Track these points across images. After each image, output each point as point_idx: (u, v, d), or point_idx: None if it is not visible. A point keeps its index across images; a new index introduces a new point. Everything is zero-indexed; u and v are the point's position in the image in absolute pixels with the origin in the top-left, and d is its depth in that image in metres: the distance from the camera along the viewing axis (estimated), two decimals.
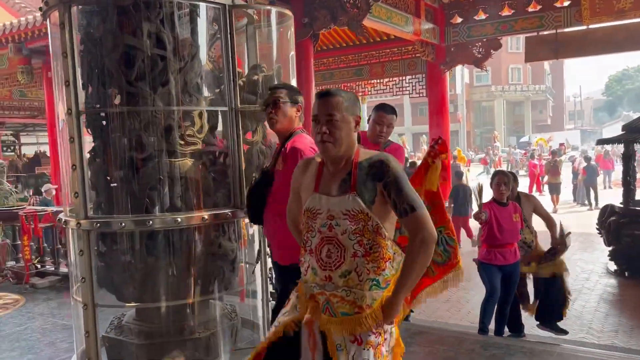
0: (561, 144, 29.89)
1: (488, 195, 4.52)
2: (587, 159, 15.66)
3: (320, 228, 1.94)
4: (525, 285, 4.87)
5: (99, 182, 2.94)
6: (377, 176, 1.90)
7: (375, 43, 14.17)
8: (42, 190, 11.31)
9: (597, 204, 13.78)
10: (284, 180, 2.42)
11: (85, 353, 2.89)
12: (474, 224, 5.74)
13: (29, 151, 26.25)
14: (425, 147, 21.53)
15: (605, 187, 17.95)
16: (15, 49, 10.61)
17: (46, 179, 15.15)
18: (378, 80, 15.01)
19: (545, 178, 15.51)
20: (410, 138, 38.96)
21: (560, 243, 4.67)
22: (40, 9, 2.85)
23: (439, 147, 3.07)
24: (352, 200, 1.90)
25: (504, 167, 27.00)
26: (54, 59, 2.96)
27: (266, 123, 2.92)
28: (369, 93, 15.79)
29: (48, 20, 2.92)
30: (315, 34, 8.77)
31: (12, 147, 25.01)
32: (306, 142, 2.67)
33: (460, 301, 6.60)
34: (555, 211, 13.41)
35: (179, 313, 3.03)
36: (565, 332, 4.87)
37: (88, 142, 2.98)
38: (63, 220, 2.92)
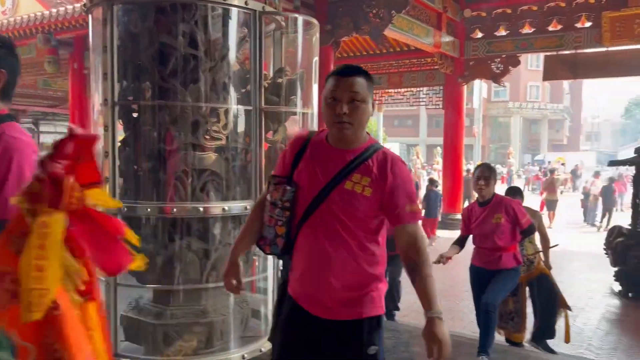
0: (577, 165, 29.90)
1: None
2: (611, 180, 15.67)
3: None
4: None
5: (127, 170, 3.13)
6: None
7: (395, 53, 14.35)
8: None
9: (607, 225, 13.81)
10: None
11: None
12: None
13: (47, 139, 26.76)
14: (439, 159, 21.49)
15: (617, 210, 17.94)
16: (44, 39, 10.90)
17: None
18: (395, 90, 15.18)
19: (543, 195, 15.53)
20: (424, 149, 39.02)
21: (546, 265, 4.74)
22: (84, 5, 3.05)
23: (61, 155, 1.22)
24: None
25: (520, 184, 26.95)
26: (93, 52, 3.16)
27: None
28: (386, 102, 15.96)
29: (90, 15, 3.13)
30: (336, 42, 8.96)
31: (31, 135, 25.58)
32: None
33: (464, 310, 6.71)
34: (550, 227, 13.36)
35: (194, 298, 3.20)
36: (553, 352, 4.72)
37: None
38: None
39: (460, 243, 4.11)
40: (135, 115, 3.14)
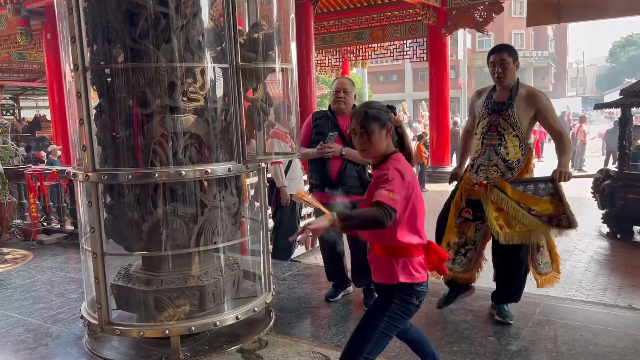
0: (563, 112, 30.02)
1: None
2: (616, 123, 15.32)
3: None
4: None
5: (105, 137, 3.05)
6: None
7: (377, 6, 14.06)
8: (48, 150, 11.44)
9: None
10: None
11: (95, 299, 3.05)
12: None
13: (28, 115, 26.24)
14: (424, 113, 21.46)
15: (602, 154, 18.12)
16: (14, 10, 10.55)
17: (47, 142, 15.29)
18: (379, 44, 14.94)
19: None
20: (410, 104, 38.82)
21: (566, 175, 3.29)
22: None
23: None
24: None
25: None
26: (59, 18, 3.02)
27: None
28: (370, 57, 15.73)
29: None
30: None
31: (11, 111, 25.01)
32: None
33: None
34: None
35: (184, 262, 3.18)
36: (508, 323, 3.50)
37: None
38: (72, 173, 3.04)
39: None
40: (108, 80, 3.03)
